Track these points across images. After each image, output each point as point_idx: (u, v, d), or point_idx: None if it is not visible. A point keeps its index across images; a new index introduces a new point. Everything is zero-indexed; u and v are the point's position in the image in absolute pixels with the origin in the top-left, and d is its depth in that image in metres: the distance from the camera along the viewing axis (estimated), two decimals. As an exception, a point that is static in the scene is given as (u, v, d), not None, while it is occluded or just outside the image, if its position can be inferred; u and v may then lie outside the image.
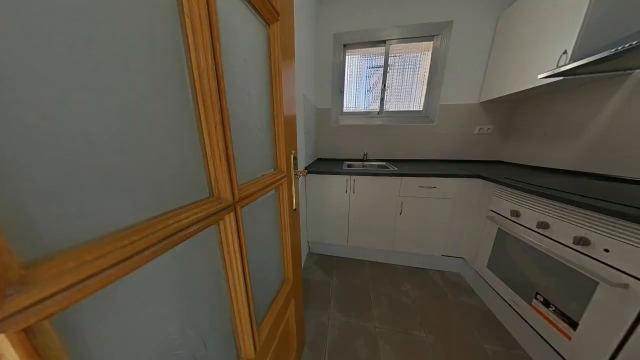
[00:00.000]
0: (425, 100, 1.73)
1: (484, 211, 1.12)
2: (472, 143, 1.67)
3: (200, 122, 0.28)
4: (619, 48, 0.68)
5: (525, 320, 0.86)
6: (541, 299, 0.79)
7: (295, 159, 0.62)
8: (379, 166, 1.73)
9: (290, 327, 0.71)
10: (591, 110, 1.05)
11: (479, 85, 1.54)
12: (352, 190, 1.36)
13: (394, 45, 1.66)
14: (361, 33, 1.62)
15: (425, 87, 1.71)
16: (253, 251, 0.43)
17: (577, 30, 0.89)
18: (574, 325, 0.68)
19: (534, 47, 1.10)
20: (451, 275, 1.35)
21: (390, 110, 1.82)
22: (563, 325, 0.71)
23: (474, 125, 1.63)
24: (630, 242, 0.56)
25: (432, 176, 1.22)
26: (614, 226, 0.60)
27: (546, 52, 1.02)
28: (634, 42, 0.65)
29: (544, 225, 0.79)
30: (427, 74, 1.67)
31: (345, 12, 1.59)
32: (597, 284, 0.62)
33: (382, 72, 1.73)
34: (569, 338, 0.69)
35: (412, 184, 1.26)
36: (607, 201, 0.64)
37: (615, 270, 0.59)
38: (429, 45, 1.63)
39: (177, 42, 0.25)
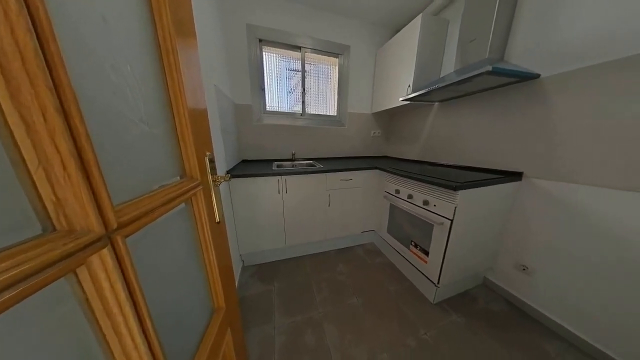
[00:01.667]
0: (337, 107, 2.06)
1: (382, 192, 1.55)
2: (369, 143, 2.22)
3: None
4: (423, 91, 1.19)
5: (408, 260, 1.30)
6: (413, 243, 1.23)
7: (212, 161, 0.51)
8: (307, 165, 1.85)
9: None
10: (422, 123, 1.75)
11: (370, 100, 2.06)
12: (284, 190, 1.35)
13: (308, 54, 1.81)
14: (278, 33, 1.61)
15: (336, 95, 2.03)
16: (157, 289, 0.31)
17: (412, 74, 1.44)
18: (427, 253, 1.12)
19: (396, 79, 1.64)
20: (368, 245, 1.74)
21: (311, 112, 1.99)
22: (422, 255, 1.15)
23: (370, 129, 2.17)
24: (442, 199, 1.01)
25: (349, 170, 1.48)
26: (436, 190, 1.05)
27: (402, 84, 1.56)
28: (428, 89, 1.15)
29: (410, 196, 1.22)
30: (337, 85, 1.99)
31: (257, 3, 1.51)
32: (433, 225, 1.06)
33: (300, 76, 1.84)
34: (426, 262, 1.13)
35: (335, 178, 1.47)
36: (432, 177, 1.10)
37: (438, 216, 1.03)
38: (335, 60, 1.94)
39: None
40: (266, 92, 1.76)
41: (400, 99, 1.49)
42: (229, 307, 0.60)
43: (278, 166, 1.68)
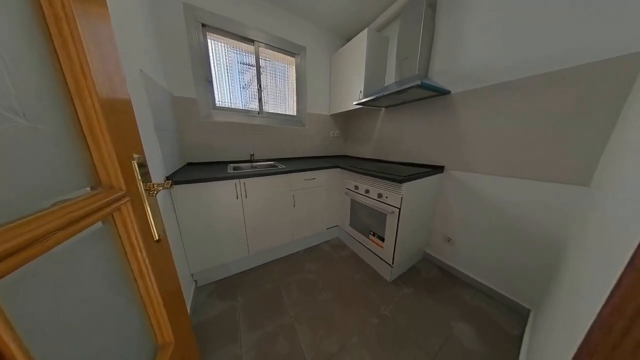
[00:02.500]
0: (297, 107, 2.05)
1: (343, 189, 1.65)
2: (329, 143, 2.33)
3: None
4: (371, 97, 1.35)
5: (368, 249, 1.45)
6: (372, 233, 1.38)
7: (143, 166, 0.42)
8: (268, 166, 1.76)
9: (183, 404, 0.50)
10: (373, 126, 1.98)
11: (328, 102, 2.16)
12: (244, 194, 1.24)
13: (263, 49, 1.72)
14: (226, 20, 1.45)
15: (295, 95, 2.01)
16: (59, 347, 0.23)
17: (363, 81, 1.60)
18: (383, 239, 1.28)
19: (349, 84, 1.78)
20: (334, 241, 1.83)
21: (270, 111, 1.90)
22: (379, 242, 1.31)
23: (329, 130, 2.28)
24: (391, 191, 1.17)
25: (312, 170, 1.51)
26: (387, 184, 1.20)
27: (354, 89, 1.71)
28: (375, 96, 1.32)
29: (367, 190, 1.36)
30: (295, 85, 1.98)
31: (197, -17, 1.31)
32: (386, 214, 1.22)
33: (255, 71, 1.73)
34: (382, 247, 1.29)
35: (299, 178, 1.46)
36: (383, 172, 1.26)
37: (389, 206, 1.19)
38: (292, 60, 1.92)
39: None
40: (215, 86, 1.56)
41: (354, 102, 1.63)
42: (179, 339, 0.50)
43: (235, 168, 1.53)
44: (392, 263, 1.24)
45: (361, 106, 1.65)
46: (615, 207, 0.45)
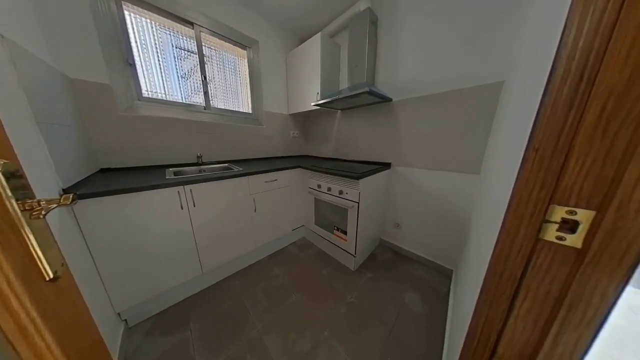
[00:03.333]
0: (252, 105, 1.91)
1: (306, 189, 1.67)
2: (290, 143, 2.29)
3: None
4: (327, 99, 1.43)
5: (333, 243, 1.52)
6: (336, 228, 1.46)
7: (15, 176, 0.29)
8: (222, 168, 1.57)
9: None
10: (331, 126, 2.08)
11: (286, 101, 2.12)
12: (190, 203, 1.06)
13: (207, 36, 1.51)
14: (149, -9, 1.18)
15: (249, 92, 1.87)
16: None
17: (319, 83, 1.65)
18: (345, 233, 1.38)
19: (307, 85, 1.80)
20: (300, 241, 1.82)
21: (219, 107, 1.69)
22: (343, 235, 1.40)
23: (289, 130, 2.24)
24: (350, 187, 1.27)
25: (273, 171, 1.44)
26: (346, 181, 1.30)
27: (312, 90, 1.74)
28: (331, 98, 1.40)
29: (329, 188, 1.42)
30: (248, 80, 1.84)
31: None
32: (347, 209, 1.32)
33: (197, 59, 1.49)
34: (346, 240, 1.39)
35: (258, 180, 1.37)
36: (342, 171, 1.35)
37: (350, 201, 1.29)
38: (244, 53, 1.77)
39: None
40: (140, 71, 1.25)
41: (312, 104, 1.66)
42: (102, 403, 0.38)
43: (177, 173, 1.28)
44: (355, 253, 1.35)
45: (319, 107, 1.70)
46: (492, 188, 0.65)
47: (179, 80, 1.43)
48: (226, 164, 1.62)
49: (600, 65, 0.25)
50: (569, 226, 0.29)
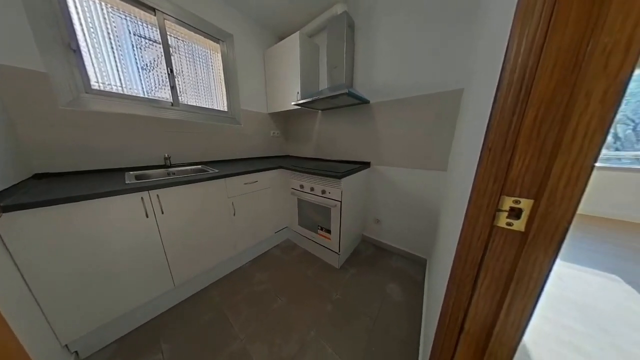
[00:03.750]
0: (228, 102, 1.80)
1: (288, 189, 1.64)
2: (270, 143, 2.23)
3: None
4: (308, 99, 1.43)
5: (318, 243, 1.53)
6: (320, 227, 1.47)
7: None
8: (195, 170, 1.44)
9: None
10: (312, 126, 2.08)
11: (265, 100, 2.05)
12: (158, 210, 0.95)
13: (172, 25, 1.37)
14: (96, -34, 1.02)
15: (224, 88, 1.76)
16: None
17: (299, 83, 1.64)
18: (329, 232, 1.40)
19: (287, 84, 1.77)
20: (284, 243, 1.78)
21: (190, 104, 1.55)
22: (327, 234, 1.42)
23: (269, 129, 2.17)
24: (333, 187, 1.29)
25: (252, 172, 1.38)
26: (328, 181, 1.32)
27: (292, 90, 1.72)
28: (312, 98, 1.41)
29: (312, 188, 1.42)
30: (223, 76, 1.73)
31: None
32: (330, 208, 1.34)
33: (161, 50, 1.35)
34: (330, 239, 1.41)
35: (237, 182, 1.30)
36: (324, 170, 1.36)
37: (333, 200, 1.31)
38: (216, 47, 1.66)
39: None
40: (87, 59, 1.07)
41: (292, 103, 1.64)
42: None
43: (139, 177, 1.14)
44: (339, 251, 1.38)
45: (299, 107, 1.69)
46: (456, 183, 0.73)
47: (139, 71, 1.27)
48: (200, 166, 1.50)
49: (534, 78, 0.30)
50: (515, 213, 0.34)
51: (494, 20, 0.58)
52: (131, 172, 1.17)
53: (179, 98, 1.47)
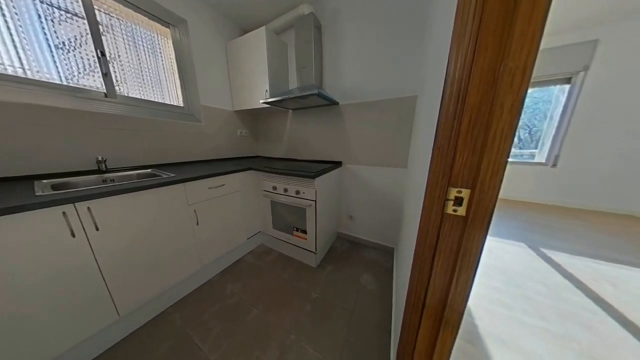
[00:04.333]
0: (184, 97, 1.59)
1: (261, 192, 1.56)
2: (238, 143, 2.07)
3: None
4: (278, 98, 1.40)
5: (294, 244, 1.50)
6: (295, 228, 1.45)
7: None
8: (143, 175, 1.22)
9: None
10: (284, 126, 2.03)
11: (229, 96, 1.88)
12: (90, 227, 0.77)
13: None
14: None
15: (178, 80, 1.54)
16: None
17: (268, 80, 1.57)
18: (305, 232, 1.39)
19: (254, 81, 1.67)
20: (257, 249, 1.69)
21: (133, 96, 1.30)
22: (303, 235, 1.41)
23: (236, 128, 2.01)
24: (307, 187, 1.29)
25: (218, 175, 1.25)
26: (302, 181, 1.31)
27: (260, 87, 1.63)
28: (282, 97, 1.38)
29: (285, 189, 1.39)
30: (175, 66, 1.51)
31: None
32: (305, 209, 1.34)
33: (87, 27, 1.09)
34: (306, 239, 1.40)
35: (199, 187, 1.16)
36: (297, 171, 1.35)
37: (307, 200, 1.31)
38: (166, 31, 1.44)
39: None
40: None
41: (261, 101, 1.56)
42: None
43: (58, 186, 0.90)
44: (316, 250, 1.39)
45: (269, 106, 1.62)
46: (414, 178, 0.83)
47: (51, 51, 0.99)
48: (150, 170, 1.28)
49: (467, 91, 0.37)
50: (458, 201, 0.41)
51: (437, 40, 0.68)
52: (44, 181, 0.90)
53: (116, 88, 1.21)
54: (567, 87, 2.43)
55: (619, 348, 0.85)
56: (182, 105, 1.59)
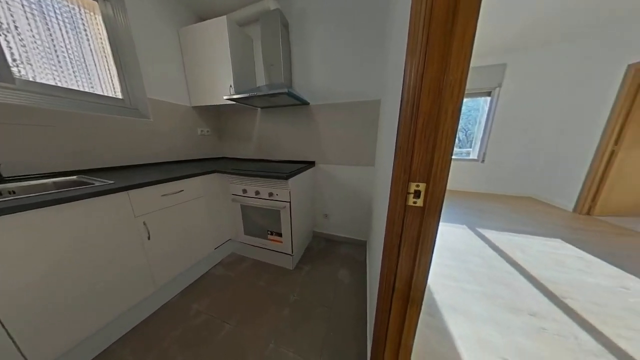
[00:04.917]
0: (123, 87, 1.32)
1: (229, 196, 1.43)
2: (198, 143, 1.85)
3: None
4: (244, 95, 1.32)
5: (269, 249, 1.44)
6: (269, 232, 1.39)
7: None
8: (64, 184, 0.96)
9: None
10: (252, 125, 1.92)
11: (185, 90, 1.66)
12: (-25, 258, 0.56)
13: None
14: None
15: (113, 67, 1.27)
16: None
17: (232, 75, 1.46)
18: (280, 235, 1.35)
19: (216, 75, 1.52)
20: (228, 258, 1.55)
21: (43, 82, 1.01)
22: (278, 238, 1.37)
23: (195, 127, 1.79)
24: (280, 188, 1.25)
25: (175, 180, 1.09)
26: (275, 182, 1.26)
27: (223, 82, 1.50)
28: (249, 95, 1.30)
29: (257, 192, 1.31)
30: (109, 49, 1.24)
31: None
32: (279, 211, 1.29)
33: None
34: (282, 242, 1.36)
35: (150, 195, 0.98)
36: (269, 172, 1.30)
37: (281, 202, 1.28)
38: (93, 5, 1.17)
39: None
40: None
41: (225, 97, 1.43)
42: None
43: None
44: (292, 252, 1.37)
45: (234, 102, 1.50)
46: (381, 175, 0.91)
47: None
48: (75, 177, 1.01)
49: (420, 97, 0.42)
50: (417, 194, 0.47)
51: (395, 51, 0.76)
52: None
53: (13, 70, 0.91)
54: (488, 98, 3.11)
55: (526, 297, 1.13)
56: (120, 97, 1.31)
